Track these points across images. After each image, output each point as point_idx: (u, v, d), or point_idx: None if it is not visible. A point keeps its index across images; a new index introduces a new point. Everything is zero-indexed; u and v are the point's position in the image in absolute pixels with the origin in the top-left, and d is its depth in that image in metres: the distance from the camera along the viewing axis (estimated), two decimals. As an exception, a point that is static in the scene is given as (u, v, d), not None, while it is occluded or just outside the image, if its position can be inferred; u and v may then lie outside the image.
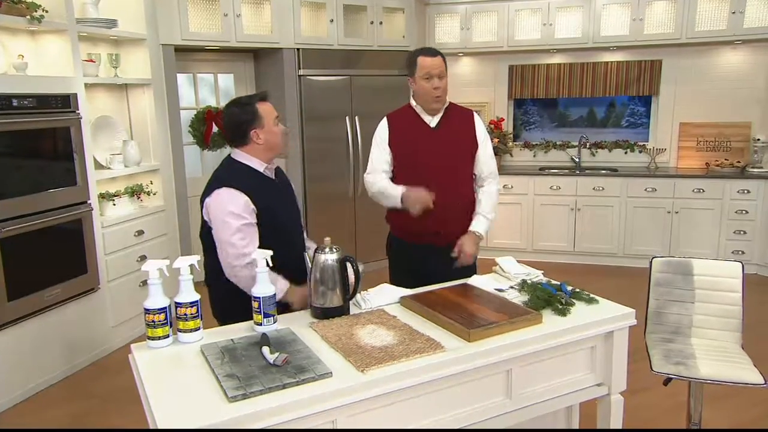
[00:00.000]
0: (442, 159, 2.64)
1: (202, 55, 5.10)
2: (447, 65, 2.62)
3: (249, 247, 2.12)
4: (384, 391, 1.68)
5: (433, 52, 2.58)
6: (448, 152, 2.65)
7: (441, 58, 2.57)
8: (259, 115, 2.25)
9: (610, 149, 6.06)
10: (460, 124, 2.71)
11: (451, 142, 2.66)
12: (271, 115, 2.29)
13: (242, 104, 2.29)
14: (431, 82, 2.54)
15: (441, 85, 2.55)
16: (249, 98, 2.32)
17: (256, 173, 2.29)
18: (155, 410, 1.50)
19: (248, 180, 2.24)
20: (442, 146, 2.64)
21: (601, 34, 5.54)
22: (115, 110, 4.34)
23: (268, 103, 2.32)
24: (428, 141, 2.64)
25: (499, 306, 2.07)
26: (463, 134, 2.70)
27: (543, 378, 2.02)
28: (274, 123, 2.29)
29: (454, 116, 2.71)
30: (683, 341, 2.51)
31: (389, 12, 5.48)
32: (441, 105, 2.63)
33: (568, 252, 5.73)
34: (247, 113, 2.25)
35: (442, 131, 2.67)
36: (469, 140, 2.70)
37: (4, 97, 3.22)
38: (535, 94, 6.14)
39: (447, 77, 2.60)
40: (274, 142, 2.30)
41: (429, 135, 2.66)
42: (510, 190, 5.77)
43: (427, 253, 2.67)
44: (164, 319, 1.85)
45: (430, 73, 2.54)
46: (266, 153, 2.30)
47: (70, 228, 3.64)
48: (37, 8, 3.43)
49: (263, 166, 2.31)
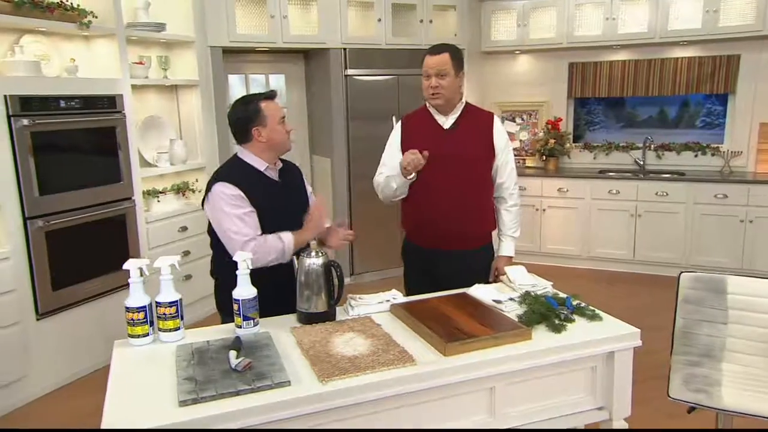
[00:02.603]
0: (455, 160, 2.53)
1: (253, 56, 5.21)
2: (457, 63, 2.48)
3: (248, 229, 2.14)
4: (344, 403, 1.62)
5: (437, 49, 2.48)
6: (461, 154, 2.53)
7: (445, 56, 2.44)
8: (262, 113, 2.25)
9: (678, 151, 5.65)
10: (476, 126, 2.59)
11: (465, 144, 2.54)
12: (276, 115, 2.28)
13: (246, 102, 2.30)
14: (429, 80, 2.45)
15: (438, 84, 2.44)
16: (254, 96, 2.32)
17: (256, 172, 2.29)
18: (106, 407, 1.52)
19: (245, 177, 2.24)
20: (456, 148, 2.53)
21: (670, 28, 5.16)
22: (165, 110, 4.51)
23: (274, 102, 2.31)
24: (441, 142, 2.54)
25: (488, 319, 1.96)
26: (480, 137, 2.58)
27: (533, 398, 1.89)
28: (278, 122, 2.28)
29: (471, 118, 2.59)
30: (712, 365, 2.27)
31: (440, 10, 5.37)
32: (438, 101, 2.50)
33: (627, 260, 5.39)
34: (250, 111, 2.25)
35: (457, 133, 2.56)
36: (485, 143, 2.58)
37: (53, 98, 3.42)
38: (597, 92, 5.82)
39: (453, 76, 2.46)
40: (277, 140, 2.29)
41: (442, 136, 2.56)
42: (565, 193, 5.51)
43: (442, 258, 2.59)
44: (143, 318, 1.88)
45: (427, 71, 2.45)
46: (268, 151, 2.30)
47: (114, 223, 3.82)
48: (86, 14, 3.62)
49: (265, 165, 2.30)
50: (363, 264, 5.25)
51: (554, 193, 5.55)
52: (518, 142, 6.10)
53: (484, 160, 2.57)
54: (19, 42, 3.52)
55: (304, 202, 2.45)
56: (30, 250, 3.33)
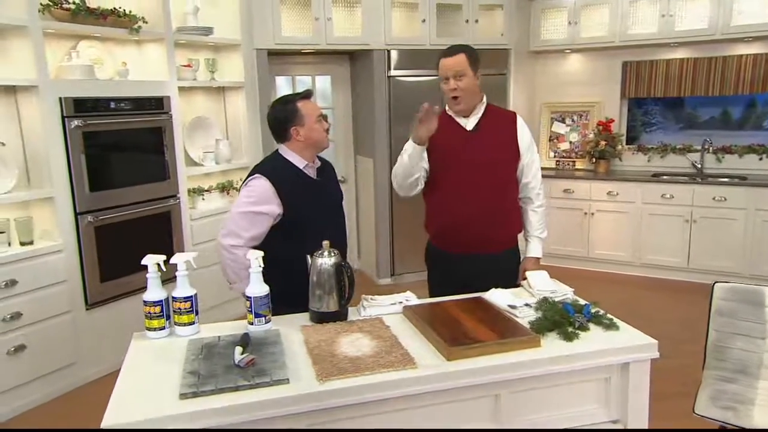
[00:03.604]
0: (479, 163, 2.49)
1: (300, 58, 5.30)
2: (473, 62, 2.44)
3: (244, 233, 2.22)
4: (342, 403, 1.62)
5: (452, 51, 2.45)
6: (485, 156, 2.49)
7: (461, 56, 2.42)
8: (299, 113, 2.31)
9: (740, 154, 5.34)
10: (499, 126, 2.54)
11: (489, 145, 2.50)
12: (314, 114, 2.34)
13: (284, 102, 2.37)
14: (447, 84, 2.42)
15: (456, 86, 2.41)
16: (292, 96, 2.40)
17: (295, 169, 2.35)
18: (112, 397, 1.59)
19: (284, 173, 2.32)
20: (479, 150, 2.50)
21: (732, 23, 4.89)
22: (213, 111, 4.66)
23: (311, 102, 2.38)
24: (464, 144, 2.51)
25: (497, 325, 1.92)
26: (503, 137, 2.53)
27: (542, 407, 1.83)
28: (316, 121, 2.34)
29: (493, 118, 2.55)
30: (747, 383, 2.14)
31: (486, 9, 5.30)
32: (460, 107, 2.48)
33: (681, 268, 5.14)
34: (288, 111, 2.32)
35: (480, 134, 2.52)
36: (509, 144, 2.53)
37: (104, 100, 3.60)
38: (653, 92, 5.58)
39: (472, 76, 2.43)
40: (316, 139, 2.35)
41: (465, 138, 2.52)
42: (615, 197, 5.32)
43: (466, 262, 2.55)
44: (160, 312, 1.96)
45: (445, 73, 2.43)
46: (307, 150, 2.36)
47: (160, 219, 3.99)
48: (137, 20, 3.79)
49: (304, 163, 2.36)
50: (403, 265, 5.26)
51: (603, 196, 5.37)
52: (567, 144, 5.94)
53: (508, 161, 2.53)
54: (76, 47, 3.72)
55: (339, 199, 2.54)
56: (80, 244, 3.53)
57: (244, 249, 2.19)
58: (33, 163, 3.43)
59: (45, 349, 3.38)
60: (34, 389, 3.35)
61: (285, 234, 2.28)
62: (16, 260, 3.22)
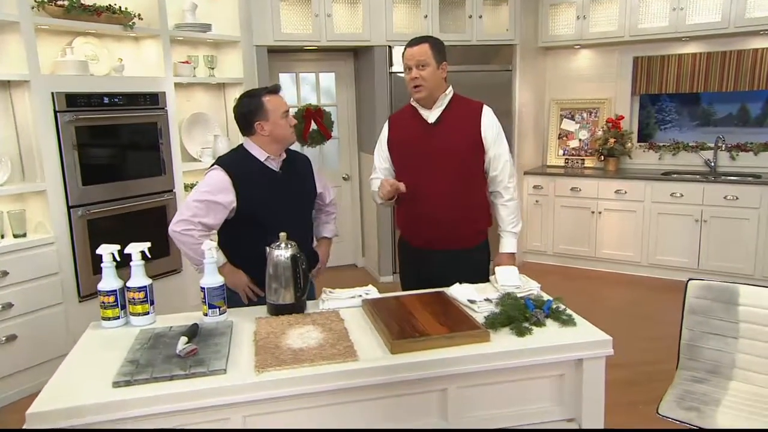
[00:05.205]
0: (439, 155, 2.43)
1: (304, 55, 5.30)
2: (438, 53, 2.39)
3: (195, 218, 2.23)
4: (276, 394, 1.60)
5: (416, 41, 2.40)
6: (447, 148, 2.43)
7: (425, 46, 2.36)
8: (264, 108, 2.30)
9: (756, 152, 5.15)
10: (463, 118, 2.46)
11: (449, 137, 2.43)
12: (279, 109, 2.33)
13: (250, 96, 2.37)
14: (410, 72, 2.38)
15: (418, 75, 2.35)
16: (258, 91, 2.39)
17: (256, 161, 2.34)
18: (48, 383, 1.60)
19: (243, 165, 2.31)
20: (440, 142, 2.43)
21: (747, 15, 4.71)
22: (213, 107, 4.69)
23: (277, 96, 2.36)
24: (425, 137, 2.45)
25: (450, 319, 1.87)
26: (466, 130, 2.45)
27: (493, 403, 1.78)
28: (281, 116, 2.32)
29: (457, 110, 2.47)
30: (718, 384, 2.05)
31: (491, 5, 5.22)
32: (421, 95, 2.41)
33: (691, 269, 4.97)
34: (253, 105, 2.32)
35: (441, 127, 2.45)
36: (471, 136, 2.45)
37: (96, 95, 3.65)
38: (664, 89, 5.43)
39: (434, 66, 2.37)
40: (280, 134, 2.33)
41: (426, 131, 2.46)
42: (623, 195, 5.18)
43: (435, 258, 2.51)
44: (114, 301, 1.97)
45: (407, 63, 2.38)
46: (272, 145, 2.35)
47: (155, 213, 4.02)
48: (131, 17, 3.84)
49: (265, 156, 2.34)
50: (404, 262, 5.21)
51: (611, 195, 5.24)
52: (577, 142, 5.81)
53: (472, 153, 2.45)
54: (72, 44, 3.78)
55: (307, 191, 2.50)
56: (73, 237, 3.58)
57: (197, 232, 2.21)
58: (27, 157, 3.50)
59: (37, 340, 3.44)
60: (26, 378, 3.41)
61: (245, 225, 2.28)
62: (7, 251, 3.29)
